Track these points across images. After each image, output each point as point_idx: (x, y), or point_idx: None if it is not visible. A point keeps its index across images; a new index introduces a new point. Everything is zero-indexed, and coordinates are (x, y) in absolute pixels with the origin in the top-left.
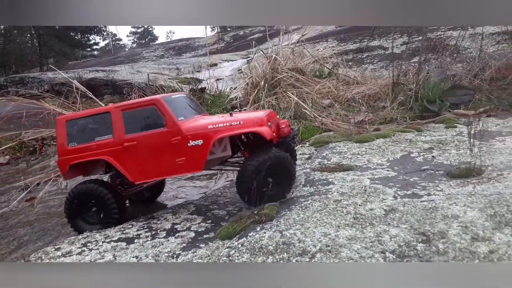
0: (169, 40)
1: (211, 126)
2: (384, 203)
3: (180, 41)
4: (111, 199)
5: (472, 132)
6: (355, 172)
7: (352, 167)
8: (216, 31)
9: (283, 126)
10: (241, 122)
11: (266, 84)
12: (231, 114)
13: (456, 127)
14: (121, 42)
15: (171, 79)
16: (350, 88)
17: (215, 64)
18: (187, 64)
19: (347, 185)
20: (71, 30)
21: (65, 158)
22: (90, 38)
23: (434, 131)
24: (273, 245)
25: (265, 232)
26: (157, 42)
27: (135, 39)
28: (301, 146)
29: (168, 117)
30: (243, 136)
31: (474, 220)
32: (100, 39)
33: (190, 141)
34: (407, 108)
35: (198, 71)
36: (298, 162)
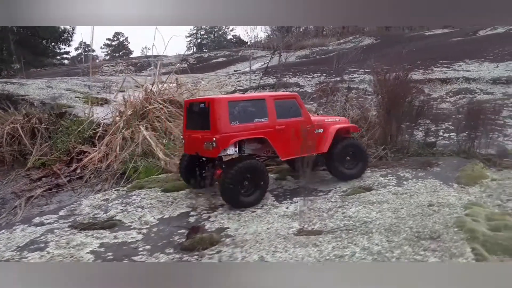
0: (144, 55)
1: (327, 120)
2: None
3: (147, 58)
4: (267, 174)
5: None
6: (103, 232)
7: (115, 223)
8: (192, 51)
9: None
10: (340, 119)
11: (130, 114)
12: (318, 115)
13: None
14: (93, 53)
15: (78, 97)
16: None
17: (142, 85)
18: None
19: (55, 253)
20: (34, 37)
21: (229, 135)
22: (56, 47)
23: None
24: None
25: None
26: (131, 56)
27: (109, 52)
28: (115, 190)
29: (304, 109)
30: None
31: None
32: (64, 48)
33: (316, 129)
34: None
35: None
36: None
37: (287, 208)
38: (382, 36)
